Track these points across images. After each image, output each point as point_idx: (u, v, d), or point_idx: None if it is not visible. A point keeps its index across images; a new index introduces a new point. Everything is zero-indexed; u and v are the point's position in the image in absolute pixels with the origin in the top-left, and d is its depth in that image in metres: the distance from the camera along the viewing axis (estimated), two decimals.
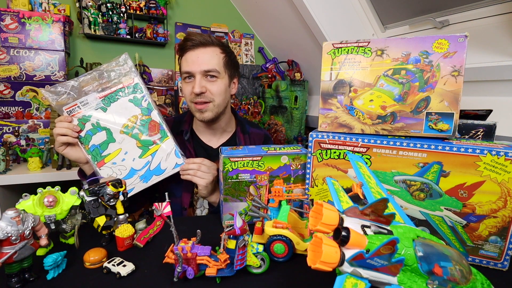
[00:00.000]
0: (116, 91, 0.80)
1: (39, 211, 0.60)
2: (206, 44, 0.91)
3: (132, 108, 0.81)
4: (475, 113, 0.78)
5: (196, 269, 0.52)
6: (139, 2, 1.64)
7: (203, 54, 0.90)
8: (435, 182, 0.58)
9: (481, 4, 0.98)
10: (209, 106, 0.92)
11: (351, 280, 0.35)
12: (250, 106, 1.86)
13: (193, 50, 0.90)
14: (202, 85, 0.90)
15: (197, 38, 0.90)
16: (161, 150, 0.83)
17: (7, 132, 1.33)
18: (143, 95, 0.82)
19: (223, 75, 0.94)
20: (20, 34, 1.34)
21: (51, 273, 0.53)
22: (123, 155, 0.80)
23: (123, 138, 0.80)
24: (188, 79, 0.93)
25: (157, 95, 1.76)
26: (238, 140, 1.05)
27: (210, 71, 0.90)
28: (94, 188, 0.65)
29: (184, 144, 0.99)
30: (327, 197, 0.69)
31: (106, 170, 0.79)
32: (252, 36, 2.06)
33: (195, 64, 0.90)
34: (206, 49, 0.91)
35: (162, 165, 0.83)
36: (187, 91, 0.93)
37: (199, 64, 0.89)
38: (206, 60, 0.90)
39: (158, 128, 0.84)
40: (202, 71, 0.90)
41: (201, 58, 0.90)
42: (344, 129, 0.67)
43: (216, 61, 0.91)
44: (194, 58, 0.90)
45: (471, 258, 0.59)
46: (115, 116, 0.80)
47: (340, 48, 0.66)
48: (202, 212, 0.98)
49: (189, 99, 0.93)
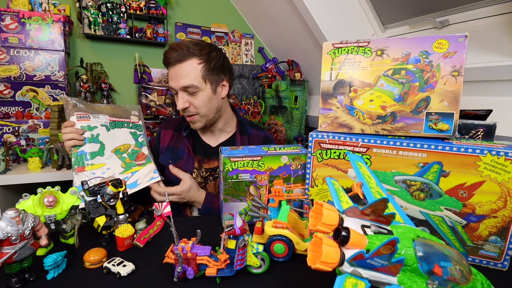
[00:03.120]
0: (123, 121, 0.94)
1: (39, 211, 0.60)
2: (181, 59, 0.90)
3: (129, 138, 0.93)
4: (475, 113, 0.78)
5: (196, 269, 0.52)
6: (139, 2, 1.63)
7: (180, 70, 0.91)
8: (435, 182, 0.58)
9: (481, 4, 0.98)
10: (196, 118, 0.96)
11: (351, 280, 0.35)
12: (250, 106, 1.86)
13: (171, 66, 0.92)
14: (184, 101, 0.93)
15: (172, 55, 0.90)
16: (142, 170, 0.91)
17: (7, 132, 1.33)
18: (142, 134, 0.97)
19: (203, 87, 0.93)
20: (20, 34, 1.34)
21: (51, 273, 0.53)
22: (105, 169, 0.85)
23: (111, 156, 0.88)
24: (175, 94, 0.95)
25: (157, 95, 1.76)
26: (236, 141, 1.05)
27: (188, 87, 0.91)
28: (94, 188, 0.65)
29: (183, 141, 1.02)
30: (327, 197, 0.69)
31: (81, 177, 0.80)
32: (252, 36, 2.06)
33: (173, 81, 0.92)
34: (182, 65, 0.90)
35: (139, 181, 0.89)
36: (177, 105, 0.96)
37: (177, 81, 0.91)
38: (183, 76, 0.90)
39: (145, 158, 0.94)
40: (181, 88, 0.92)
41: (178, 74, 0.91)
42: (344, 129, 0.67)
43: (193, 75, 0.91)
44: (173, 75, 0.92)
45: (471, 258, 0.59)
46: (114, 137, 0.90)
47: (340, 48, 0.66)
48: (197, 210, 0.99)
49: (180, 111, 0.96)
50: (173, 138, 1.06)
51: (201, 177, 1.01)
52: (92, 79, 1.53)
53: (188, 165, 1.00)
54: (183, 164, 1.00)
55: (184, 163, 1.00)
